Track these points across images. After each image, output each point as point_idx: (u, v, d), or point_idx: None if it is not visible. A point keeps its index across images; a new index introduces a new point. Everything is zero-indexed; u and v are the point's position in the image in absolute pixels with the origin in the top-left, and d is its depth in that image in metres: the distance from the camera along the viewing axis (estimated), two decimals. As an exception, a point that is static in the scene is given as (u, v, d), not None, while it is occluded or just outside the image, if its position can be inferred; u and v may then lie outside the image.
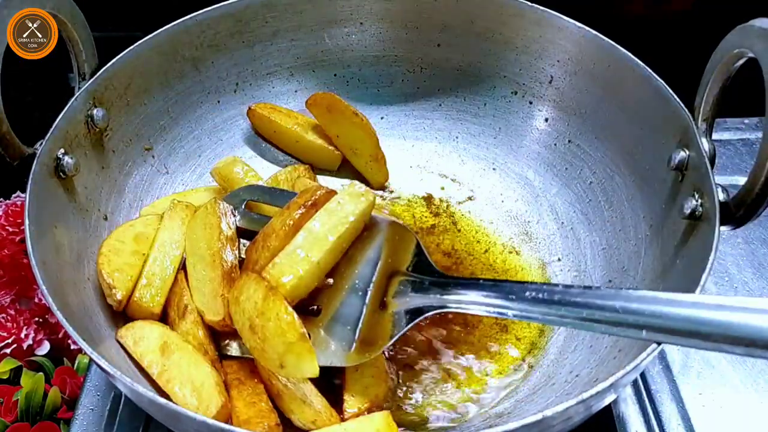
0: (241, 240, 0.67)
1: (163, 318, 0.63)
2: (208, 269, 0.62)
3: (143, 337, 0.59)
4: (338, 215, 0.60)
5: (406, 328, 0.57)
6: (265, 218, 0.67)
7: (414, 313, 0.57)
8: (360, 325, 0.58)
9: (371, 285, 0.59)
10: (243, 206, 0.69)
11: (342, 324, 0.58)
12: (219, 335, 0.61)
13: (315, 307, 0.60)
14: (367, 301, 0.59)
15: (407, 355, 0.65)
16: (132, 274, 0.62)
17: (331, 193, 0.63)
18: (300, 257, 0.57)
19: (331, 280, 0.61)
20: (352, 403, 0.57)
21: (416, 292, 0.58)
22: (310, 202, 0.61)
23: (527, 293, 0.51)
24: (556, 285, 0.51)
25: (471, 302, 0.55)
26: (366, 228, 0.62)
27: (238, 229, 0.67)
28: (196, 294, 0.62)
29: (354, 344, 0.57)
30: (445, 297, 0.56)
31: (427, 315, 0.57)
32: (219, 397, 0.54)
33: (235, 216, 0.67)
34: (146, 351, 0.58)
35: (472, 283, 0.56)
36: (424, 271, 0.60)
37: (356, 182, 0.62)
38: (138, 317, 0.62)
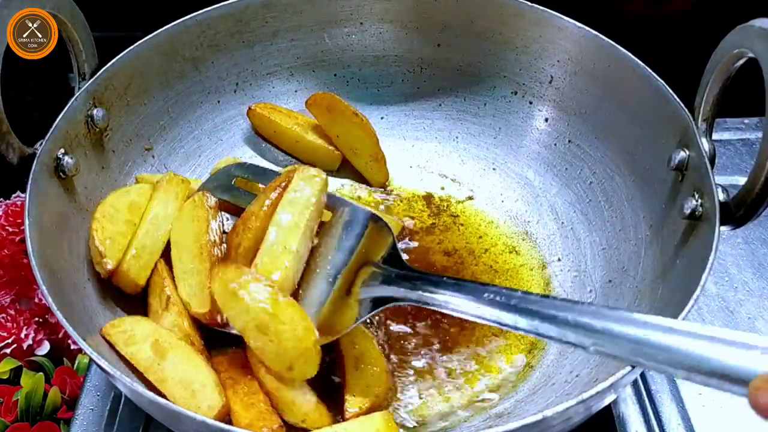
0: (226, 215, 0.68)
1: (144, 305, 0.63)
2: (195, 261, 0.62)
3: (133, 336, 0.58)
4: (300, 202, 0.60)
5: (367, 315, 0.58)
6: (252, 195, 0.67)
7: (378, 301, 0.58)
8: (321, 308, 0.58)
9: (341, 272, 0.60)
10: (233, 182, 0.70)
11: (306, 306, 0.57)
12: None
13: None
14: (335, 287, 0.59)
15: (406, 356, 0.65)
16: (123, 243, 0.62)
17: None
18: (279, 251, 0.57)
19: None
20: (353, 402, 0.57)
21: (384, 283, 0.58)
22: (284, 183, 0.62)
23: (485, 295, 0.51)
24: (516, 291, 0.51)
25: (434, 300, 0.55)
26: (344, 215, 0.63)
27: (225, 204, 0.68)
28: (181, 285, 0.62)
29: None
30: (411, 291, 0.56)
31: (388, 305, 0.57)
32: (219, 398, 0.54)
33: (221, 216, 0.67)
34: (138, 351, 0.57)
35: (438, 281, 0.56)
36: (395, 265, 0.60)
37: (303, 166, 0.64)
38: (123, 287, 0.62)
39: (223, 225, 0.66)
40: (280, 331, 0.53)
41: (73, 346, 0.79)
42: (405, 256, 0.73)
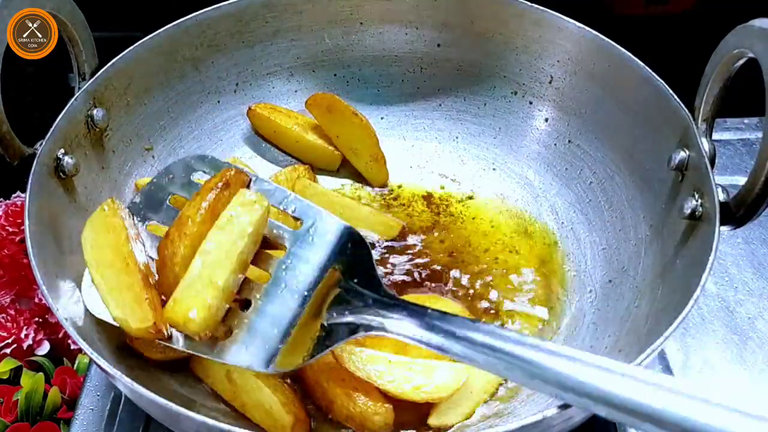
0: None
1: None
2: (122, 275, 0.55)
3: (211, 367, 0.59)
4: (234, 230, 0.54)
5: (337, 344, 0.53)
6: None
7: (351, 329, 0.53)
8: (291, 330, 0.54)
9: (313, 290, 0.55)
10: (167, 199, 0.63)
11: (270, 325, 0.54)
12: None
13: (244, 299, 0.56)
14: (305, 306, 0.54)
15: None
16: None
17: (241, 175, 0.59)
18: (202, 284, 0.52)
19: (269, 273, 0.57)
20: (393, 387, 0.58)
21: (357, 307, 0.54)
22: (221, 183, 0.58)
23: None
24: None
25: (403, 334, 0.51)
26: (317, 226, 0.58)
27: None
28: (113, 305, 0.55)
29: (279, 350, 0.53)
30: (386, 320, 0.52)
31: (364, 334, 0.53)
32: (287, 417, 0.55)
33: (132, 217, 0.61)
34: (217, 380, 0.59)
35: (418, 311, 0.51)
36: (372, 287, 0.55)
37: (244, 190, 0.57)
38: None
39: (140, 234, 0.61)
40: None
41: (73, 346, 0.79)
42: (405, 258, 0.73)
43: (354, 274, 0.56)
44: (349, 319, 0.54)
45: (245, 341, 0.54)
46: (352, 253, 0.57)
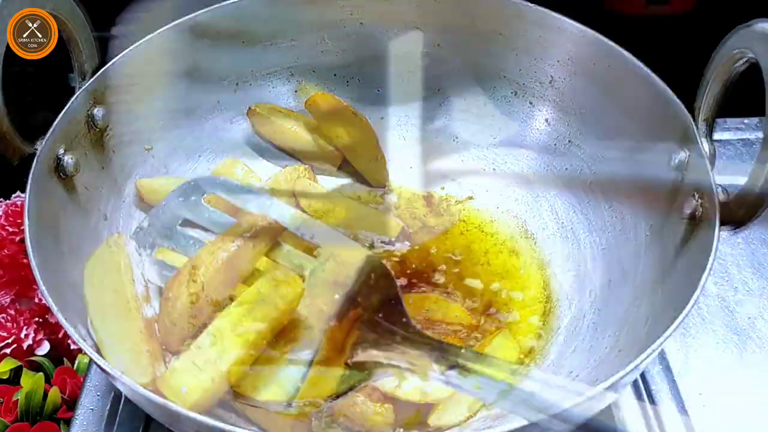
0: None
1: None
2: (122, 320, 0.53)
3: None
4: (258, 309, 0.50)
5: (363, 384, 0.51)
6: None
7: (377, 369, 0.51)
8: (310, 367, 0.51)
9: (331, 321, 0.52)
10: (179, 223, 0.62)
11: (289, 360, 0.52)
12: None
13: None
14: (322, 339, 0.52)
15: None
16: None
17: (274, 227, 0.56)
18: (205, 362, 0.49)
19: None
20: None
21: (383, 345, 0.51)
22: (248, 235, 0.55)
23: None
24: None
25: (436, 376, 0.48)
26: (336, 258, 0.55)
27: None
28: (109, 353, 0.52)
29: (299, 387, 0.51)
30: (416, 359, 0.48)
31: (390, 376, 0.50)
32: (287, 416, 0.54)
33: (140, 254, 0.60)
34: None
35: (450, 350, 0.48)
36: (397, 322, 0.52)
37: (282, 269, 0.54)
38: None
39: (145, 273, 0.59)
40: None
41: (73, 346, 0.79)
42: (405, 258, 0.73)
43: (379, 309, 0.53)
44: (375, 359, 0.50)
45: (262, 377, 0.52)
46: (375, 285, 0.54)
